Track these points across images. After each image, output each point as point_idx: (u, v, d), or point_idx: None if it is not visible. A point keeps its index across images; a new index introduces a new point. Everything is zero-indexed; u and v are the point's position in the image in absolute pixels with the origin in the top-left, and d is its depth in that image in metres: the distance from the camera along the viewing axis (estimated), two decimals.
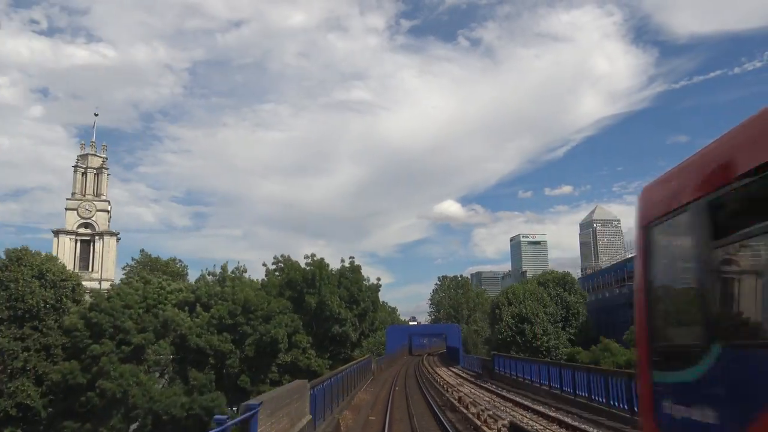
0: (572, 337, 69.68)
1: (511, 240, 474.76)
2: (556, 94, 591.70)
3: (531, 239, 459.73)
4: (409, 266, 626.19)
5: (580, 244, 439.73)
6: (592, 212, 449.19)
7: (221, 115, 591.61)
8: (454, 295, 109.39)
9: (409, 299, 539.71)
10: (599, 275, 78.39)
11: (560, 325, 69.84)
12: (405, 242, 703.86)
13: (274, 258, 48.76)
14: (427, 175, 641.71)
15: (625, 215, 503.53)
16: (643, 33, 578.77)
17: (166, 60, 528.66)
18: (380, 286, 50.28)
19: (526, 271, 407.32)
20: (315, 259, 44.60)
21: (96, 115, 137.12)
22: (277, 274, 47.51)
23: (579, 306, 70.88)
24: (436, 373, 50.34)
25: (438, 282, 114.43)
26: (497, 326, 69.63)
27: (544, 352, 68.46)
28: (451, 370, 54.08)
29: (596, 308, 72.89)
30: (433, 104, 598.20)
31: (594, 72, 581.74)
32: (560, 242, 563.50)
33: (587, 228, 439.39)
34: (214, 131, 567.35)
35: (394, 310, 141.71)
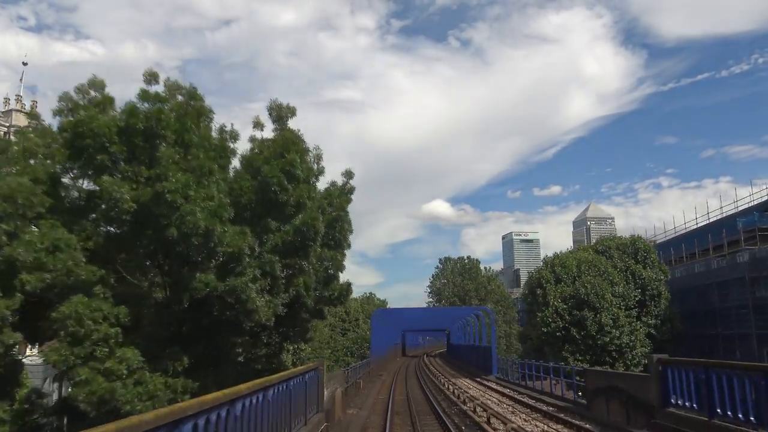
0: (652, 331, 44.78)
1: (503, 238, 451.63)
2: (546, 95, 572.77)
3: (523, 237, 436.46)
4: (399, 266, 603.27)
5: (573, 242, 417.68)
6: (586, 210, 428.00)
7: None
8: (460, 281, 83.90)
9: (400, 299, 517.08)
10: (678, 243, 53.29)
11: (634, 312, 44.92)
12: (394, 242, 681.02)
13: (62, 97, 15.21)
14: (417, 175, 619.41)
15: (617, 214, 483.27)
16: (632, 35, 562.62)
17: (155, 58, 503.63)
18: (352, 191, 21.19)
19: (518, 269, 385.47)
20: (170, 82, 15.60)
21: (25, 64, 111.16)
22: (56, 129, 15.64)
23: (660, 285, 45.96)
24: (466, 394, 25.20)
25: (439, 265, 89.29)
26: (540, 314, 44.54)
27: (614, 354, 43.48)
28: (490, 389, 28.67)
29: (675, 290, 47.71)
30: (423, 104, 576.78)
31: (583, 73, 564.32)
32: (550, 242, 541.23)
33: (580, 226, 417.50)
34: None
35: (383, 303, 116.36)
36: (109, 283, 13.18)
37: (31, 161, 13.85)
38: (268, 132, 17.80)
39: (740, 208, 46.12)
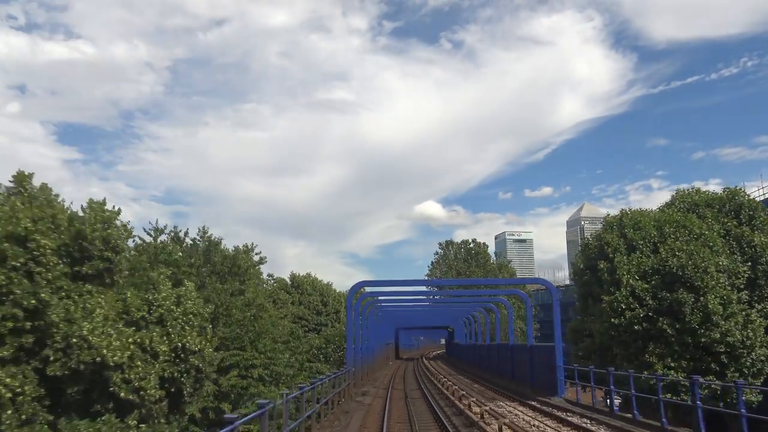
0: None
1: (496, 238, 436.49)
2: (537, 97, 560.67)
3: (517, 237, 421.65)
4: (391, 267, 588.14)
5: (568, 242, 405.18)
6: (580, 209, 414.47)
7: (202, 114, 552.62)
8: (465, 268, 68.16)
9: None
10: None
11: (745, 295, 29.45)
12: (386, 243, 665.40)
13: None
14: (408, 176, 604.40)
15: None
16: (622, 38, 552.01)
17: (146, 58, 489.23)
18: None
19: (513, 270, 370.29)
20: None
21: None
22: None
23: None
24: None
25: (440, 250, 73.68)
26: (607, 298, 29.01)
27: (724, 358, 27.98)
28: None
29: None
30: (415, 106, 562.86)
31: (574, 76, 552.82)
32: (542, 244, 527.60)
33: (575, 225, 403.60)
34: (194, 130, 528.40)
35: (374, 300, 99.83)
36: None
37: None
38: None
39: None
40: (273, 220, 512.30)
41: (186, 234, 31.56)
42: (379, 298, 44.56)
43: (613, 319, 28.64)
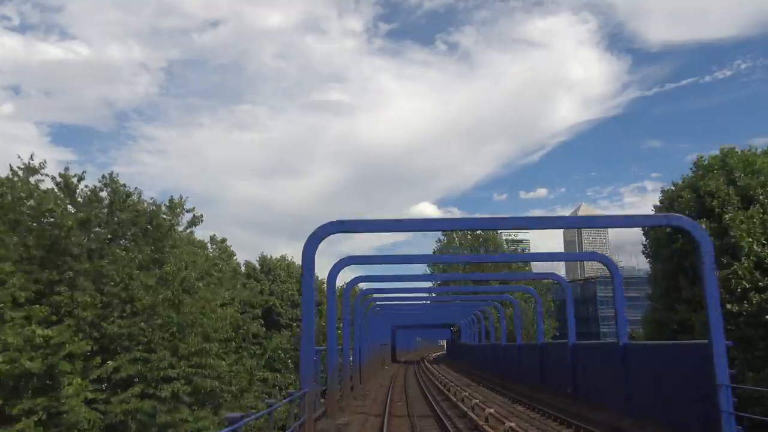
0: None
1: None
2: (532, 99, 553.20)
3: (513, 238, 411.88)
4: (387, 269, 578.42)
5: (565, 242, 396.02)
6: (577, 210, 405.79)
7: (197, 115, 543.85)
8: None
9: None
10: None
11: None
12: (382, 245, 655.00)
13: None
14: (404, 178, 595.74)
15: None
16: (617, 41, 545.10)
17: (141, 59, 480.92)
18: None
19: None
20: None
21: None
22: None
23: None
24: None
25: (443, 237, 63.72)
26: (722, 273, 18.84)
27: None
28: None
29: None
30: (410, 107, 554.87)
31: (569, 78, 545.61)
32: (538, 246, 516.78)
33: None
34: (190, 132, 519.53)
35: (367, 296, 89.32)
36: None
37: None
38: None
39: None
40: (269, 221, 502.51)
41: (81, 179, 21.46)
42: (376, 300, 36.36)
43: (728, 305, 18.60)
